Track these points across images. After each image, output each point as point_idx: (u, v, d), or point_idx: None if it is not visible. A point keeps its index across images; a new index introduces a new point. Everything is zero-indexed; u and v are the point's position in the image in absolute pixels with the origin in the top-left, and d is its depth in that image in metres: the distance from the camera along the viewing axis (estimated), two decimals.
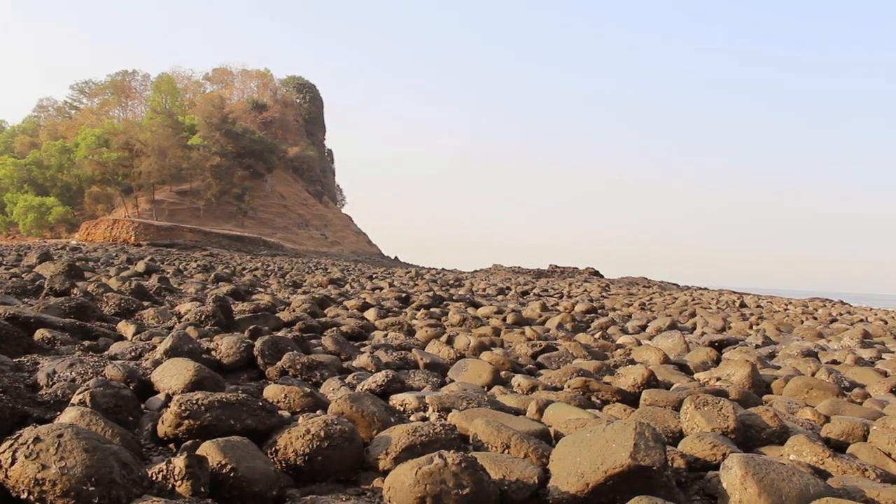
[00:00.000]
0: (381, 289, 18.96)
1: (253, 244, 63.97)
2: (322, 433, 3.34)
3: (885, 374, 7.71)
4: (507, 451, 3.51)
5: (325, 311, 10.72)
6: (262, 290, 15.16)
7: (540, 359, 7.43)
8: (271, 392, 4.49)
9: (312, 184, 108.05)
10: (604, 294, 28.22)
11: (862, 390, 6.80)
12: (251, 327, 7.10)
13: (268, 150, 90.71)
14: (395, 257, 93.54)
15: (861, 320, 21.01)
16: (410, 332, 8.89)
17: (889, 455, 4.06)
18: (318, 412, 4.23)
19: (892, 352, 11.70)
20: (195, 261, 32.13)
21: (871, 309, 34.99)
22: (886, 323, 20.40)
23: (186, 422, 3.37)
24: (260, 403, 3.65)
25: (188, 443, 2.93)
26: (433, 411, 4.54)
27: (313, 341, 7.26)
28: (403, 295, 14.96)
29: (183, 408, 3.39)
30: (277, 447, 3.34)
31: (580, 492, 2.99)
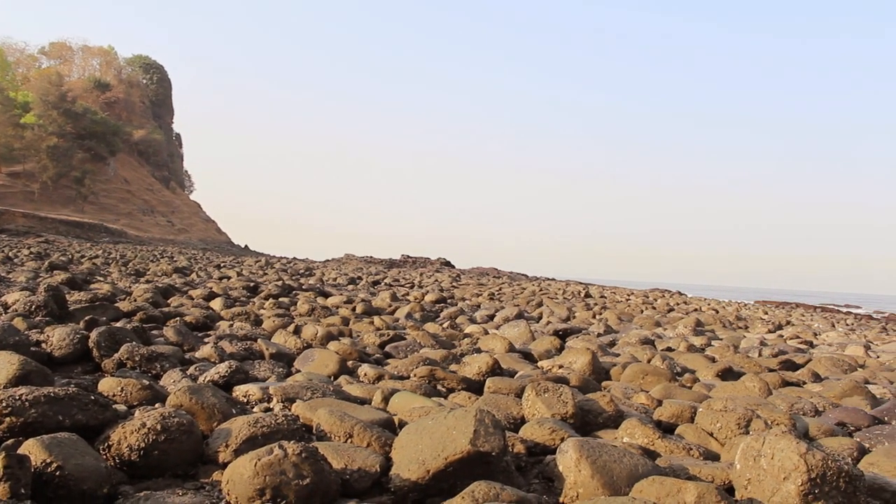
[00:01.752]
0: (229, 278, 18.48)
1: (94, 231, 60.96)
2: (158, 426, 3.21)
3: (713, 360, 8.19)
4: (350, 440, 3.49)
5: (169, 301, 10.34)
6: (101, 278, 14.47)
7: (388, 348, 7.45)
8: (107, 385, 4.29)
9: (159, 169, 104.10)
10: (454, 284, 28.61)
11: (692, 375, 7.20)
12: (87, 318, 6.74)
13: (111, 132, 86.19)
14: (246, 246, 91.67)
15: (695, 310, 22.33)
16: (257, 321, 8.71)
17: (712, 434, 4.32)
18: (156, 405, 4.09)
19: (721, 339, 12.47)
20: (28, 248, 30.21)
21: (706, 299, 37.28)
22: (718, 312, 21.78)
23: (8, 419, 3.16)
24: (92, 397, 3.47)
25: (8, 442, 2.77)
26: (277, 402, 4.47)
27: (155, 332, 6.98)
28: (252, 284, 14.62)
29: (4, 404, 3.17)
30: (110, 442, 3.19)
31: (421, 479, 3.01)
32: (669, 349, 9.77)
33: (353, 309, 11.55)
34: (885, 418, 5.36)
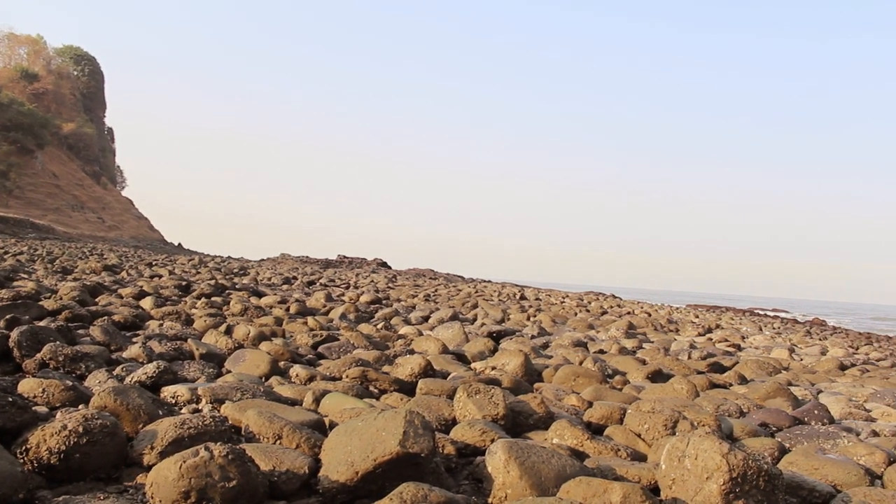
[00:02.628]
0: (161, 276, 18.09)
1: (19, 226, 59.09)
2: (80, 429, 3.12)
3: (644, 362, 8.32)
4: (279, 441, 3.46)
5: (97, 300, 10.09)
6: (25, 276, 14.01)
7: (321, 349, 7.39)
8: (28, 386, 4.15)
9: (89, 163, 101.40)
10: (390, 285, 28.51)
11: (623, 377, 7.31)
12: (9, 316, 6.53)
13: (38, 125, 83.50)
14: (179, 244, 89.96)
15: (628, 313, 22.67)
16: (189, 321, 8.56)
17: (639, 435, 4.39)
18: (80, 407, 3.99)
19: (652, 342, 12.71)
20: None
21: (639, 302, 37.91)
22: (650, 315, 22.17)
23: None
24: (10, 399, 3.36)
25: None
26: (206, 403, 4.40)
27: (81, 332, 6.80)
28: (184, 283, 14.36)
29: None
30: (29, 446, 3.09)
31: (350, 480, 3.00)
32: (602, 351, 9.90)
33: (287, 309, 11.43)
34: (806, 419, 5.53)
